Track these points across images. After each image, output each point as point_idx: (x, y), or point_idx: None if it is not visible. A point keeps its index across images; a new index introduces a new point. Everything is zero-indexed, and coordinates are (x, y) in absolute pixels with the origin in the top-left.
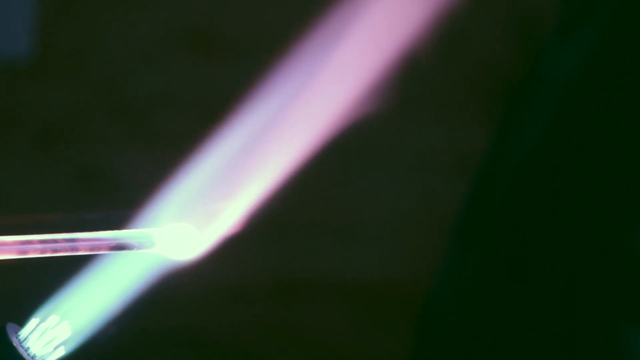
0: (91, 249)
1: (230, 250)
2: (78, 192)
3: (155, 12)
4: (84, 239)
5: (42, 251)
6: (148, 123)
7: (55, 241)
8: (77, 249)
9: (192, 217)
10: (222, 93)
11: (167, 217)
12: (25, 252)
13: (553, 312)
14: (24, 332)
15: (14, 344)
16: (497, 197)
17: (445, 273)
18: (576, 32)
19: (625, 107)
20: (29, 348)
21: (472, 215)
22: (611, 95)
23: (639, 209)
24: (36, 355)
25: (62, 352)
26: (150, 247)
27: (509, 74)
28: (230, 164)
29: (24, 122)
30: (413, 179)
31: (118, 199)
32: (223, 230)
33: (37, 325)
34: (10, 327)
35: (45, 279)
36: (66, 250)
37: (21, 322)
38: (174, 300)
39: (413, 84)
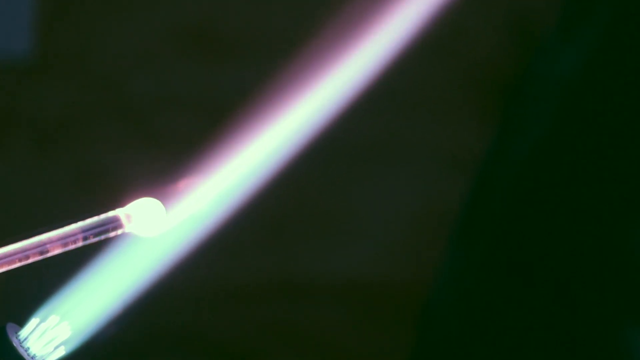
0: (63, 247)
1: (230, 250)
2: (78, 192)
3: (156, 12)
4: (53, 239)
5: (10, 263)
6: (148, 123)
7: (24, 249)
8: (47, 251)
9: (161, 191)
10: (222, 93)
11: (136, 194)
12: None
13: (553, 312)
14: (24, 332)
15: (14, 344)
16: (497, 197)
17: (445, 273)
18: (576, 32)
19: (625, 107)
20: (29, 348)
21: (472, 214)
22: (611, 95)
23: (639, 209)
24: (36, 355)
25: (62, 352)
26: (119, 228)
27: (509, 74)
28: (228, 162)
29: (24, 122)
30: (413, 178)
31: (117, 199)
32: (193, 205)
33: (37, 325)
34: (10, 327)
35: (45, 279)
36: (37, 255)
37: (21, 322)
38: (174, 300)
39: (413, 84)
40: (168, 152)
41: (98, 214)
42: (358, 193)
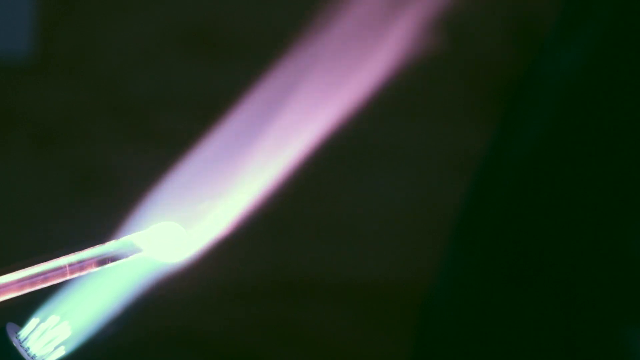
0: (80, 270)
1: (230, 250)
2: (78, 192)
3: (155, 12)
4: (70, 264)
5: (24, 287)
6: (148, 123)
7: (43, 273)
8: (66, 274)
9: (181, 215)
10: (222, 93)
11: (157, 216)
12: (16, 290)
13: (553, 312)
14: (24, 332)
15: (14, 344)
16: (497, 197)
17: (445, 273)
18: (576, 32)
19: (625, 107)
20: (29, 348)
21: (472, 215)
22: (611, 95)
23: (639, 209)
24: (36, 355)
25: (62, 352)
26: (135, 253)
27: (509, 74)
28: (228, 163)
29: (24, 122)
30: (413, 178)
31: (117, 198)
32: (212, 229)
33: (37, 325)
34: (10, 327)
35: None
36: (55, 278)
37: (21, 322)
38: (174, 300)
39: (413, 84)
40: (168, 152)
41: (116, 236)
42: (359, 193)
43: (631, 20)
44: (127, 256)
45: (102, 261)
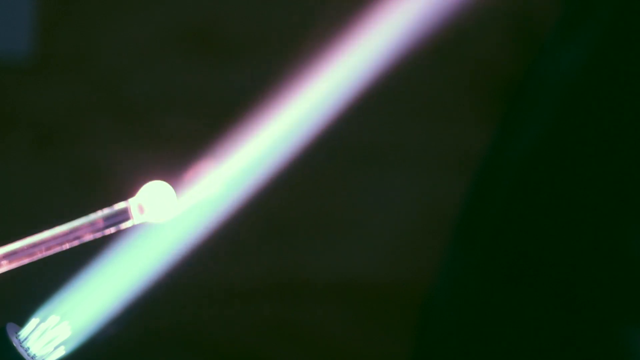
0: (75, 239)
1: (230, 250)
2: (78, 192)
3: (155, 13)
4: (64, 233)
5: (19, 259)
6: (148, 123)
7: (37, 244)
8: (62, 244)
9: (173, 178)
10: (222, 93)
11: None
12: (11, 262)
13: (553, 312)
14: (24, 332)
15: (14, 344)
16: (497, 197)
17: (445, 273)
18: (576, 32)
19: (625, 107)
20: (29, 348)
21: (472, 215)
22: (611, 95)
23: (639, 209)
24: (36, 355)
25: (62, 352)
26: (129, 217)
27: (509, 74)
28: (229, 161)
29: (24, 122)
30: (413, 178)
31: (117, 198)
32: (203, 190)
33: (37, 325)
34: (10, 327)
35: (45, 279)
36: (51, 248)
37: (21, 322)
38: (174, 300)
39: (413, 84)
40: (168, 152)
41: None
42: (359, 193)
43: (631, 20)
44: (121, 221)
45: (97, 228)
